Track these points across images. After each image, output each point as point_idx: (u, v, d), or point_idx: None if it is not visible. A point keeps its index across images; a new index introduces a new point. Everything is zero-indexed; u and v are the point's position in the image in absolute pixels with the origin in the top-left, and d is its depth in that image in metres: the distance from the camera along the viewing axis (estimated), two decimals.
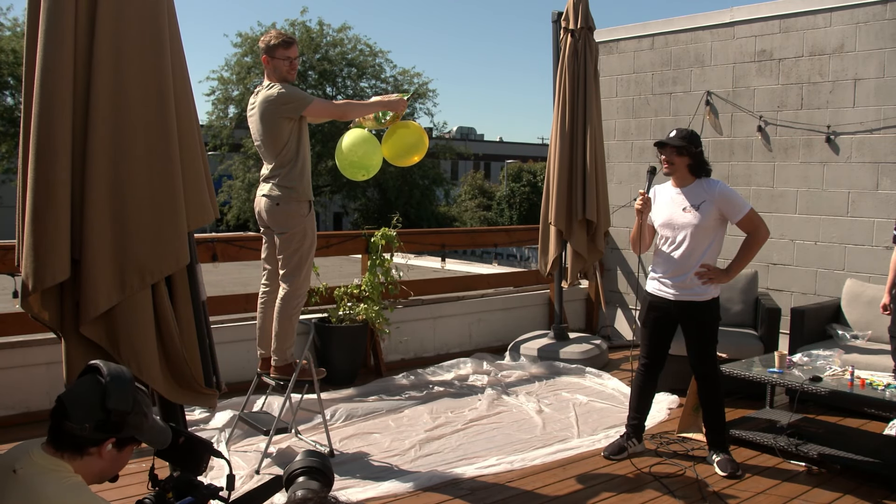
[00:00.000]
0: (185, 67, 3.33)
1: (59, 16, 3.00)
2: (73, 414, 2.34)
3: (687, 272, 4.99)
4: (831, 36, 7.32)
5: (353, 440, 5.49)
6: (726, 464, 5.02)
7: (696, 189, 5.01)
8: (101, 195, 3.08)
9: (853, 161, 7.21)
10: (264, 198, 5.01)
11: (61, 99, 3.00)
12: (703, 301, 5.01)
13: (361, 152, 5.18)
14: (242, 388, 5.71)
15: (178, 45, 3.30)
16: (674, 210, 5.04)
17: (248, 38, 31.67)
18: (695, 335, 5.09)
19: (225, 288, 11.19)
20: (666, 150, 5.02)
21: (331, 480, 2.32)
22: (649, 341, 5.25)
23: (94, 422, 2.34)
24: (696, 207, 4.95)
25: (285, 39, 5.00)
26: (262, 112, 4.90)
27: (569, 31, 7.67)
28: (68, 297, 3.15)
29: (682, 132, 5.03)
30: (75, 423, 2.33)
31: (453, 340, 8.16)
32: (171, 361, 3.27)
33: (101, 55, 3.05)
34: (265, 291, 5.26)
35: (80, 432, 2.33)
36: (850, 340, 6.28)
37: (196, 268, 3.39)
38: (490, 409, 6.22)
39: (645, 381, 5.32)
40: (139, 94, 3.14)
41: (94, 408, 2.35)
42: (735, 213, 4.94)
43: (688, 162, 5.00)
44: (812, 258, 7.51)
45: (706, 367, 5.11)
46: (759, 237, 4.98)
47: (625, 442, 5.32)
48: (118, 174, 3.11)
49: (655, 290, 5.16)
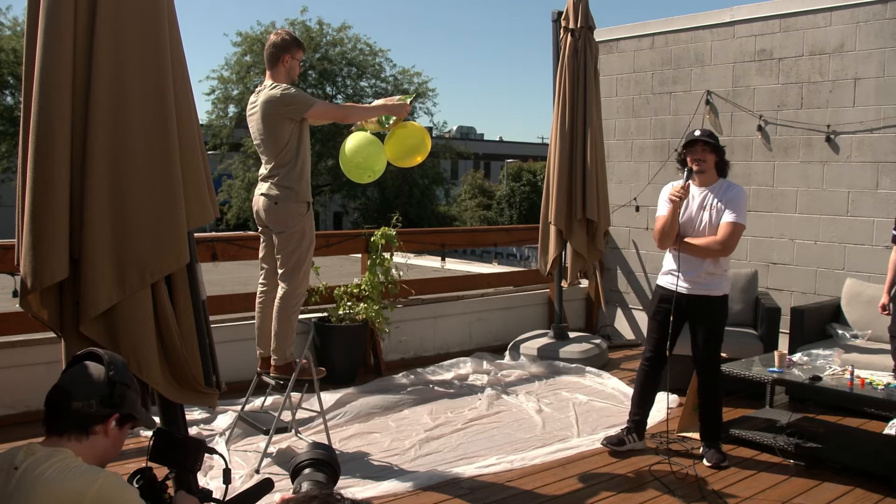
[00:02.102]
0: (184, 66, 3.33)
1: (58, 15, 3.00)
2: (77, 392, 2.37)
3: (701, 267, 5.11)
4: (831, 35, 7.32)
5: (353, 439, 5.49)
6: (713, 455, 5.14)
7: (718, 189, 5.15)
8: (100, 194, 3.07)
9: (853, 160, 7.21)
10: (263, 197, 5.01)
11: (61, 98, 3.00)
12: (714, 296, 5.14)
13: (366, 154, 5.18)
14: (242, 388, 5.70)
15: (177, 44, 3.30)
16: (694, 207, 5.16)
17: (248, 38, 31.68)
18: (703, 331, 5.18)
19: (225, 287, 11.19)
20: (697, 147, 5.11)
21: (337, 472, 2.31)
22: (657, 335, 5.30)
23: (98, 397, 2.39)
24: (715, 207, 5.09)
25: (300, 41, 5.10)
26: (263, 112, 4.90)
27: (569, 31, 7.67)
28: (68, 296, 3.14)
29: (707, 131, 5.19)
30: (82, 399, 2.36)
31: (453, 340, 8.16)
32: (170, 361, 3.27)
33: (101, 54, 3.05)
34: (263, 291, 5.26)
35: (88, 409, 2.36)
36: (849, 340, 6.29)
37: (196, 267, 3.38)
38: (490, 409, 6.22)
39: (649, 376, 5.38)
40: (139, 93, 3.14)
41: (98, 383, 2.40)
42: (728, 215, 5.04)
43: (716, 160, 5.14)
44: (812, 258, 7.51)
45: (711, 365, 5.21)
46: (717, 247, 5.04)
47: (625, 436, 5.38)
48: (118, 173, 3.11)
49: (668, 284, 5.23)
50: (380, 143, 5.24)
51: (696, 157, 5.11)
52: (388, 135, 5.26)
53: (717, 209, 5.09)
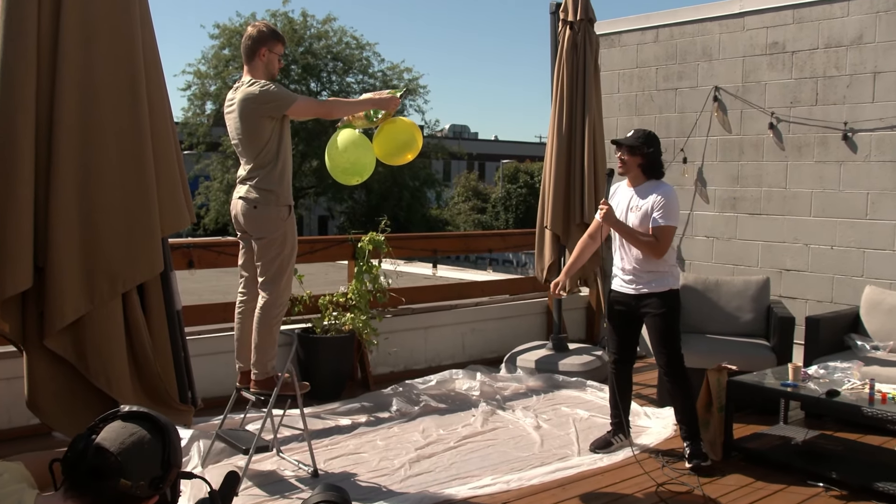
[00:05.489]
0: (158, 60, 3.32)
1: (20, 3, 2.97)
2: (131, 471, 2.23)
3: (641, 266, 5.40)
4: (849, 26, 7.34)
5: (338, 459, 5.46)
6: (694, 457, 5.35)
7: (646, 189, 5.41)
8: (67, 197, 3.05)
9: (872, 160, 7.22)
10: (241, 200, 4.98)
11: (24, 92, 2.98)
12: (660, 292, 5.40)
13: (354, 158, 5.17)
14: (220, 404, 5.67)
15: (150, 36, 3.29)
16: (624, 208, 5.45)
17: (227, 30, 31.72)
18: (656, 329, 5.45)
19: (202, 296, 11.15)
20: (621, 148, 5.45)
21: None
22: (617, 337, 5.64)
23: (150, 479, 2.27)
24: (641, 207, 5.37)
25: (280, 34, 5.09)
26: (241, 110, 4.88)
27: (568, 23, 7.67)
28: (31, 307, 3.12)
29: (639, 132, 5.48)
30: (133, 480, 2.23)
31: (445, 352, 8.14)
32: (142, 376, 3.25)
33: (68, 46, 3.03)
34: (242, 300, 5.23)
35: (134, 491, 2.24)
36: (869, 351, 6.28)
37: (171, 275, 3.38)
38: (485, 426, 6.20)
39: (619, 377, 5.67)
40: (109, 88, 3.12)
41: (154, 464, 2.28)
42: (657, 217, 5.30)
43: (639, 161, 5.41)
44: (828, 264, 7.51)
45: (672, 363, 5.47)
46: (651, 247, 5.31)
47: (611, 437, 5.67)
48: (86, 175, 3.09)
49: (617, 286, 5.57)
50: (368, 142, 5.22)
51: (620, 157, 5.48)
52: (377, 131, 5.24)
53: (643, 211, 5.36)
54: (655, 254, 5.31)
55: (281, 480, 5.09)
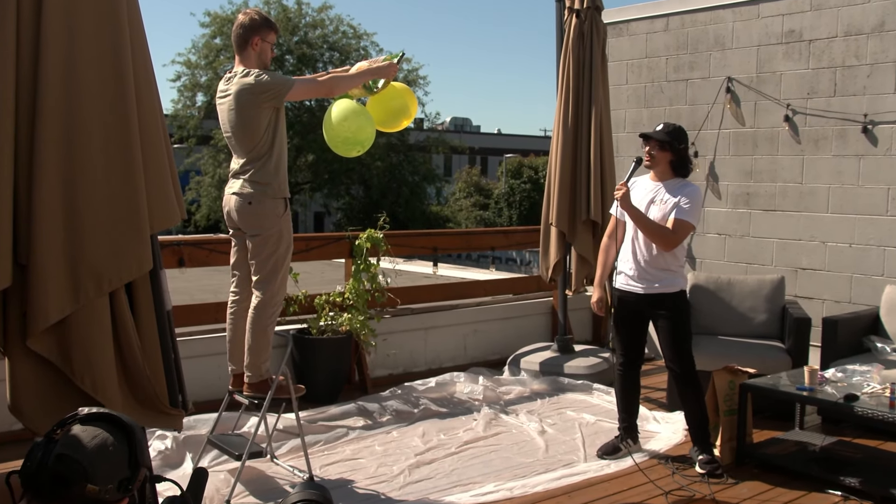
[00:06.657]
0: (146, 49, 3.30)
1: None
2: (96, 475, 2.20)
3: (651, 264, 5.38)
4: (869, 13, 7.31)
5: (335, 465, 5.46)
6: (706, 463, 5.35)
7: (672, 186, 5.40)
8: (51, 192, 3.03)
9: (894, 153, 7.19)
10: (235, 196, 4.97)
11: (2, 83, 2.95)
12: (670, 293, 5.40)
13: (355, 127, 5.16)
14: (212, 408, 5.67)
15: (138, 24, 3.27)
16: (645, 201, 5.41)
17: (218, 18, 31.75)
18: (665, 330, 5.45)
19: (193, 296, 11.17)
20: (650, 143, 5.40)
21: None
22: (624, 338, 5.65)
23: (118, 481, 2.25)
24: (667, 202, 5.34)
25: (273, 22, 5.08)
26: (237, 101, 4.86)
27: (574, 11, 7.65)
28: (13, 306, 3.09)
29: (669, 127, 5.40)
30: (100, 484, 2.21)
31: (446, 353, 8.14)
32: (131, 378, 3.24)
33: (50, 33, 3.01)
34: (234, 300, 5.22)
35: (102, 495, 2.21)
36: (890, 354, 6.27)
37: (160, 274, 3.36)
38: (487, 430, 6.19)
39: (627, 379, 5.69)
40: (94, 78, 3.10)
41: (120, 466, 2.26)
42: (682, 208, 5.27)
43: (670, 158, 5.39)
44: (846, 262, 7.50)
45: (682, 365, 5.45)
46: (665, 238, 5.28)
47: (619, 443, 5.65)
48: (71, 169, 3.07)
49: (623, 285, 5.54)
50: (366, 112, 5.22)
51: (647, 151, 5.42)
52: (369, 99, 5.27)
53: (668, 205, 5.33)
54: (666, 245, 5.28)
55: (275, 487, 5.09)
